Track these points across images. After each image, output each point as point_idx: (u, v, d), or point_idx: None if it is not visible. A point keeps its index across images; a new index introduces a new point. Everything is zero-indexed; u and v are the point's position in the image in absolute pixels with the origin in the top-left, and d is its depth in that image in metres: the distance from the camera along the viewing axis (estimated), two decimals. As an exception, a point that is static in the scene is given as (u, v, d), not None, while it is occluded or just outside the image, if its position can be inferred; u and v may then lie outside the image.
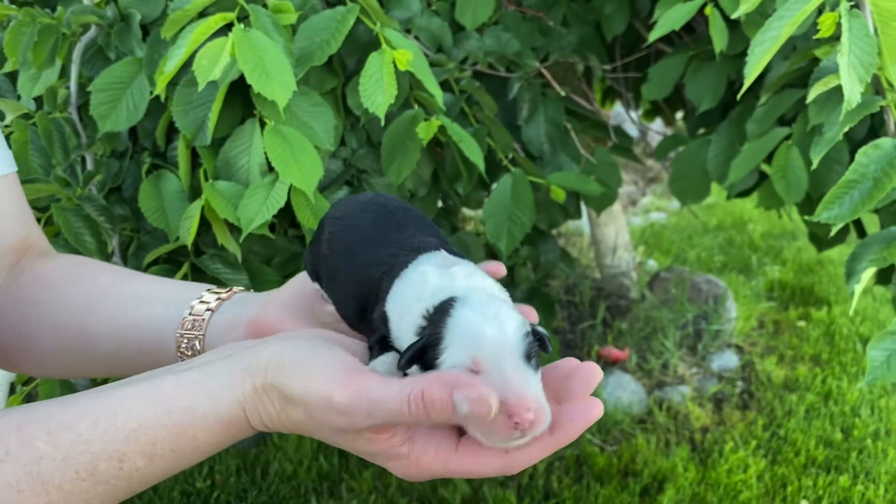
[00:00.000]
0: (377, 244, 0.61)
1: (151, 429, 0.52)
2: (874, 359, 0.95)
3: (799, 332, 3.18)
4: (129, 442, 0.52)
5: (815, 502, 2.31)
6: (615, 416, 2.60)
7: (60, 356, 0.72)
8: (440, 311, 0.53)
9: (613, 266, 3.04)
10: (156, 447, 0.52)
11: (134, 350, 0.69)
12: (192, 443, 0.53)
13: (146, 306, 0.70)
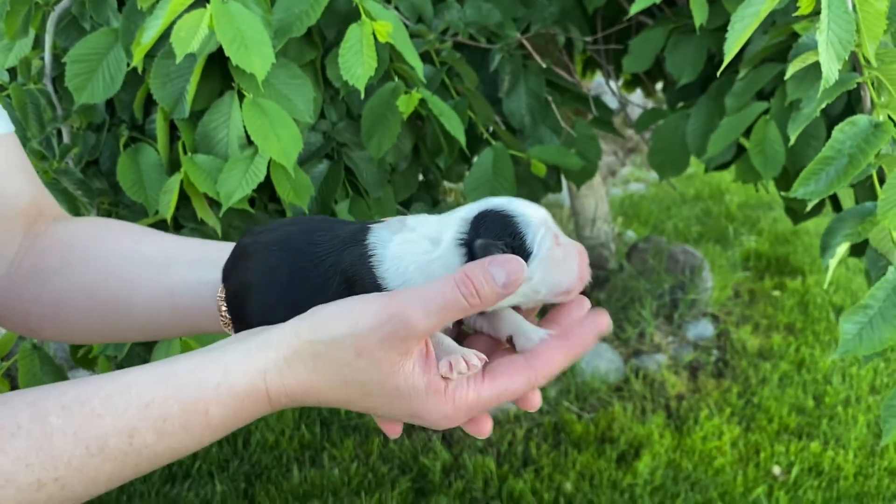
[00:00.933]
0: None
1: (163, 403, 0.51)
2: (847, 332, 0.97)
3: (774, 301, 3.23)
4: (140, 417, 0.51)
5: (786, 468, 2.37)
6: (592, 385, 2.64)
7: (90, 323, 0.70)
8: (489, 220, 0.55)
9: (592, 237, 3.06)
10: (166, 423, 0.51)
11: (169, 317, 0.68)
12: (203, 418, 0.52)
13: (176, 269, 0.68)
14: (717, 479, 2.30)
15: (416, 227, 0.57)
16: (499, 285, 0.51)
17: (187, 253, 0.70)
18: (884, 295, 0.96)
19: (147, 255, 0.69)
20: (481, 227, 0.55)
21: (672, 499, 2.24)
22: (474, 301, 0.51)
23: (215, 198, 1.09)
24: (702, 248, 3.61)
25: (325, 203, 1.25)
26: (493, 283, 0.51)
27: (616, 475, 2.31)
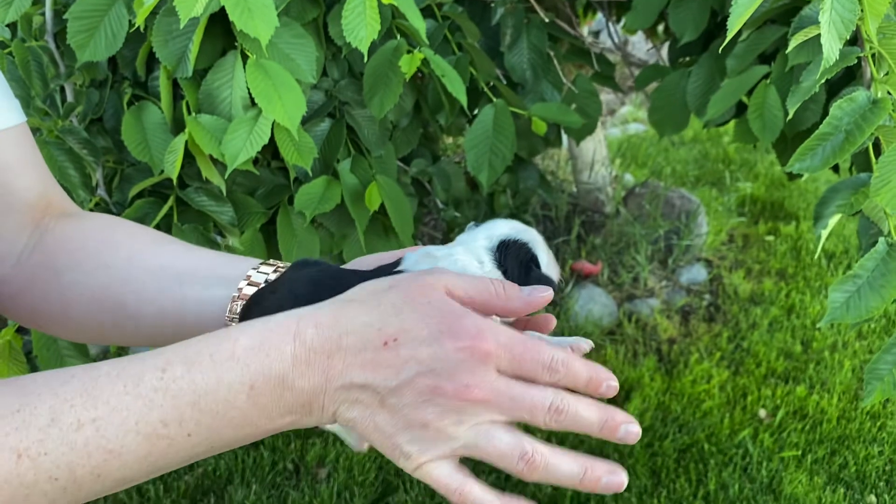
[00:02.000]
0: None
1: (198, 341, 0.53)
2: (834, 300, 1.00)
3: (767, 246, 3.27)
4: (174, 352, 0.52)
5: (772, 411, 2.45)
6: (585, 328, 2.70)
7: (97, 327, 0.70)
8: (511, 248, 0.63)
9: (590, 182, 3.07)
10: (198, 355, 0.51)
11: (175, 332, 0.67)
12: (230, 345, 0.51)
13: (188, 285, 0.68)
14: (705, 422, 2.38)
15: (444, 258, 0.61)
16: (525, 294, 0.56)
17: (198, 267, 0.70)
18: (872, 265, 0.99)
19: (156, 264, 0.70)
20: (507, 254, 0.63)
21: (660, 440, 2.32)
22: (500, 294, 0.55)
23: (220, 159, 1.10)
24: (698, 192, 3.63)
25: (327, 162, 1.27)
26: (520, 292, 0.56)
27: (607, 417, 2.38)
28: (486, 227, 0.65)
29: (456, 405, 0.51)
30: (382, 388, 0.51)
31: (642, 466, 2.22)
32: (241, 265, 0.69)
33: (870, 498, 2.19)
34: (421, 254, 0.63)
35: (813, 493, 2.17)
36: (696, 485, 2.19)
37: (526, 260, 0.63)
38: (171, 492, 2.08)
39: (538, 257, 0.63)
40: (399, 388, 0.51)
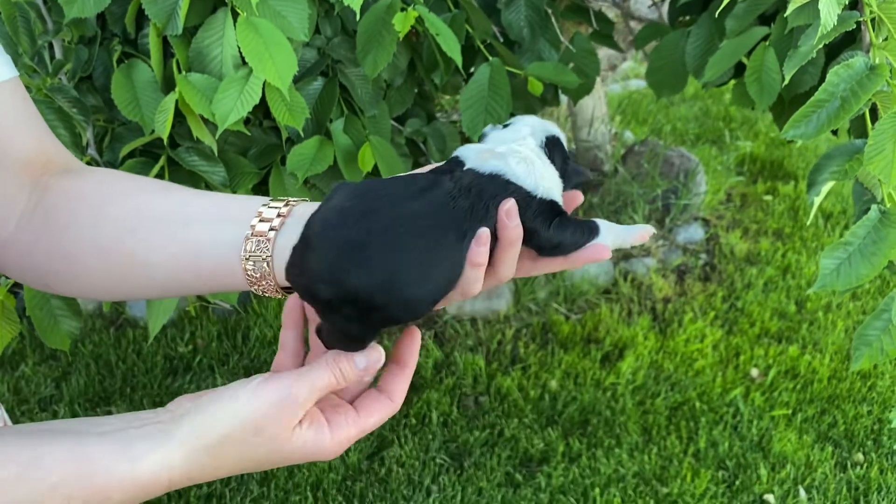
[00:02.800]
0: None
1: (71, 484, 0.56)
2: (825, 267, 1.00)
3: (765, 206, 3.27)
4: (48, 493, 0.56)
5: (764, 370, 2.47)
6: (581, 287, 2.71)
7: (107, 281, 0.69)
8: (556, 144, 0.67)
9: (589, 140, 3.05)
10: (70, 501, 0.56)
11: (191, 276, 0.67)
12: (105, 501, 0.57)
13: (196, 227, 0.67)
14: (697, 380, 2.40)
15: (509, 155, 0.62)
16: (360, 369, 0.61)
17: (207, 209, 0.68)
18: (864, 232, 0.99)
19: (162, 211, 0.68)
20: (553, 150, 0.66)
21: (652, 398, 2.34)
22: (341, 381, 0.61)
23: (211, 119, 1.09)
24: (698, 150, 3.61)
25: (319, 122, 1.26)
26: (355, 368, 0.61)
27: (600, 374, 2.40)
28: (522, 123, 0.66)
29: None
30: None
31: (634, 424, 2.25)
32: (251, 203, 0.67)
33: (857, 456, 2.22)
34: (482, 150, 0.62)
35: (801, 451, 2.21)
36: (687, 442, 2.22)
37: (564, 154, 0.66)
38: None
39: (566, 148, 0.68)
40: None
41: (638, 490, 2.09)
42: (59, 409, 2.21)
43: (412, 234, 0.55)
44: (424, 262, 0.55)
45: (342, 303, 0.55)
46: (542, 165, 0.63)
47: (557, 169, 0.64)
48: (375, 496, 2.05)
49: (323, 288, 0.55)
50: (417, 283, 0.55)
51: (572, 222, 0.63)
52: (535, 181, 0.61)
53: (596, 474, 2.12)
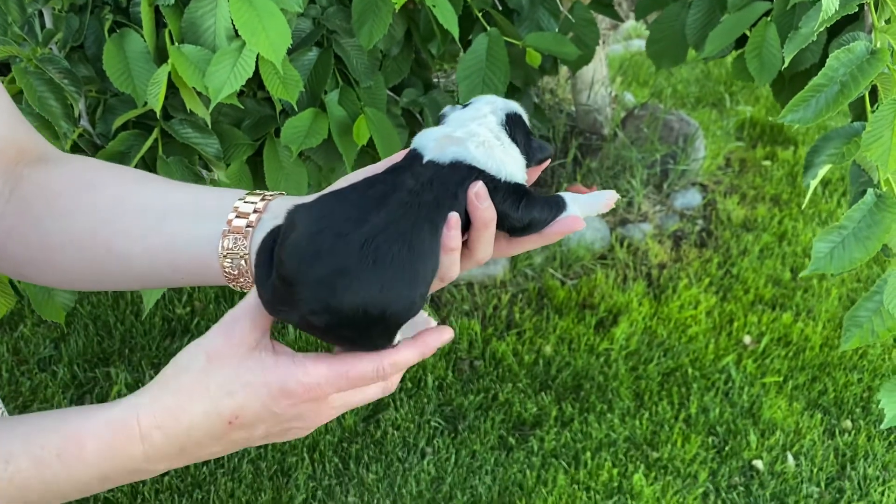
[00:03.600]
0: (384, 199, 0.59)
1: (45, 432, 0.55)
2: (819, 250, 1.00)
3: (763, 171, 3.25)
4: (21, 442, 0.55)
5: (757, 337, 2.49)
6: (577, 253, 2.71)
7: (84, 272, 0.69)
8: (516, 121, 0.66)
9: (589, 104, 3.02)
10: (43, 450, 0.55)
11: (169, 270, 0.67)
12: (77, 449, 0.55)
13: (173, 221, 0.66)
14: (690, 347, 2.42)
15: (468, 139, 0.61)
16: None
17: (184, 203, 0.68)
18: (859, 216, 0.99)
19: (140, 204, 0.68)
20: (515, 127, 0.65)
21: (645, 364, 2.37)
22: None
23: (204, 92, 1.08)
24: (698, 114, 3.58)
25: (314, 93, 1.24)
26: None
27: (594, 340, 2.42)
28: (483, 102, 0.65)
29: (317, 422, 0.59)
30: (244, 445, 0.58)
31: (626, 389, 2.28)
32: (227, 197, 0.67)
33: (845, 423, 2.26)
34: (440, 137, 0.61)
35: (791, 418, 2.24)
36: (678, 408, 2.25)
37: (526, 130, 0.65)
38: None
39: (528, 125, 0.67)
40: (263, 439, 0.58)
41: (629, 454, 2.12)
42: (58, 370, 2.23)
43: (388, 243, 0.55)
44: (407, 265, 0.55)
45: (339, 326, 0.55)
46: (504, 147, 0.62)
47: (520, 146, 0.64)
48: (371, 458, 2.09)
49: (316, 318, 0.55)
50: (406, 288, 0.55)
51: (539, 200, 0.63)
52: (498, 165, 0.61)
53: (587, 438, 2.15)
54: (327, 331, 0.56)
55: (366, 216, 0.56)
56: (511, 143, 0.63)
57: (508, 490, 2.02)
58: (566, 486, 2.03)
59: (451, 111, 0.66)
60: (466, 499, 1.99)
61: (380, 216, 0.56)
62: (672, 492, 2.03)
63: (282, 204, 0.66)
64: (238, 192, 0.69)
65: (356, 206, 0.57)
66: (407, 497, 1.99)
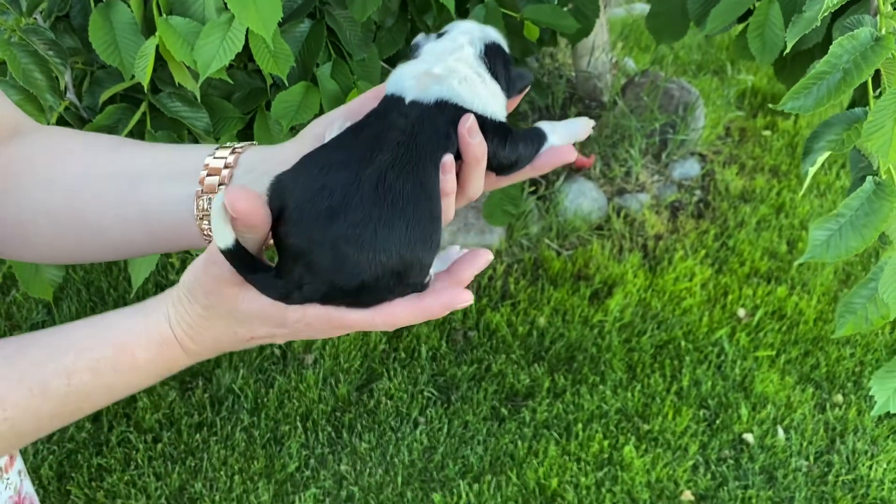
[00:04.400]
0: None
1: (96, 346, 0.56)
2: (815, 238, 0.99)
3: (763, 141, 3.22)
4: (76, 359, 0.56)
5: (751, 310, 2.49)
6: (574, 223, 2.70)
7: (61, 246, 0.68)
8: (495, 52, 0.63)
9: (589, 71, 2.98)
10: (99, 363, 0.56)
11: (146, 237, 0.66)
12: (131, 360, 0.57)
13: (146, 186, 0.65)
14: (684, 319, 2.43)
15: (449, 76, 0.58)
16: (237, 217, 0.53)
17: (156, 165, 0.66)
18: (857, 204, 0.97)
19: (112, 171, 0.66)
20: (494, 58, 0.61)
21: (638, 336, 2.37)
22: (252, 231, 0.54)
23: (192, 67, 1.05)
24: (699, 81, 3.53)
25: (306, 67, 1.21)
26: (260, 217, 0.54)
27: (588, 311, 2.42)
28: (459, 31, 0.62)
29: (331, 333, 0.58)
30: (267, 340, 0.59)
31: (619, 361, 2.29)
32: (198, 154, 0.65)
33: (836, 397, 2.27)
34: (419, 75, 0.58)
35: (783, 392, 2.25)
36: (670, 380, 2.26)
37: (506, 59, 0.62)
38: (160, 373, 2.14)
39: (508, 53, 0.64)
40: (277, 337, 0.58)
41: (620, 426, 2.14)
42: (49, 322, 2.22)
43: (400, 181, 0.53)
44: (424, 202, 0.53)
45: (376, 281, 0.52)
46: (485, 82, 0.60)
47: (501, 77, 0.61)
48: (364, 427, 2.10)
49: (348, 281, 0.52)
50: (430, 225, 0.53)
51: (521, 136, 0.61)
52: (483, 103, 0.59)
53: (579, 410, 2.16)
54: (360, 291, 0.52)
55: (369, 156, 0.53)
56: (492, 79, 0.60)
57: (500, 460, 2.03)
58: (557, 456, 2.05)
59: (424, 41, 0.63)
60: (458, 468, 2.01)
61: (383, 155, 0.54)
62: (662, 464, 2.05)
63: (253, 156, 0.64)
64: (209, 147, 0.67)
65: (351, 152, 0.54)
66: (399, 466, 2.01)
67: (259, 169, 0.64)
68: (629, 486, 2.00)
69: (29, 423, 0.56)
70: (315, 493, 1.94)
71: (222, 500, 1.91)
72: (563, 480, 1.99)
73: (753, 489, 2.02)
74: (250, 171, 0.64)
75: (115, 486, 1.93)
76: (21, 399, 0.55)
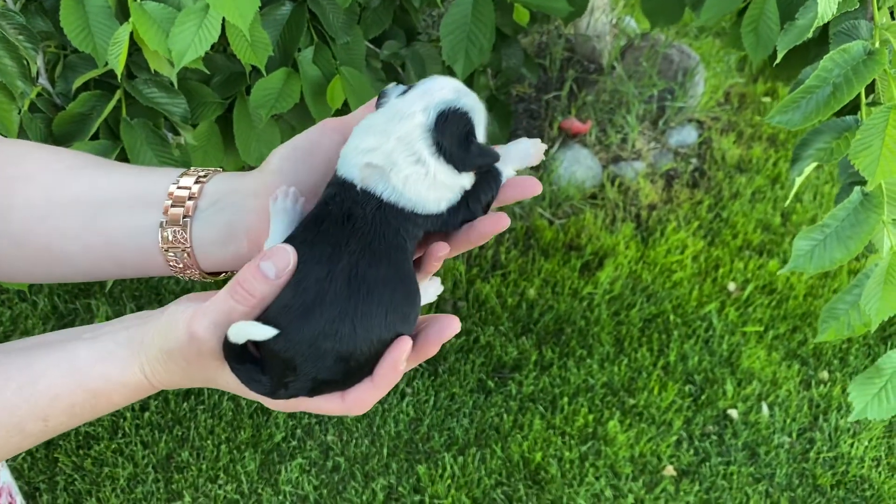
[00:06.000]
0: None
1: (71, 394, 0.57)
2: (799, 248, 0.97)
3: (762, 108, 3.17)
4: (51, 405, 0.57)
5: (742, 284, 2.49)
6: (567, 191, 2.67)
7: (26, 269, 0.67)
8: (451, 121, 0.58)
9: (587, 34, 2.91)
10: (75, 408, 0.58)
11: (113, 266, 0.65)
12: (107, 402, 0.59)
13: (110, 214, 0.64)
14: (674, 293, 2.42)
15: (389, 169, 0.56)
16: (272, 278, 0.53)
17: (119, 192, 0.64)
18: (843, 215, 0.96)
19: (72, 195, 0.64)
20: (445, 129, 0.57)
21: (627, 309, 2.37)
22: (251, 301, 0.54)
23: (167, 56, 1.02)
24: (700, 44, 3.46)
25: (286, 52, 1.18)
26: (265, 280, 0.53)
27: (578, 284, 2.42)
28: (419, 92, 0.58)
29: None
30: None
31: (607, 335, 2.29)
32: (162, 181, 0.64)
33: (822, 374, 2.28)
34: (363, 165, 0.56)
35: (769, 368, 2.26)
36: (658, 355, 2.27)
37: (465, 132, 0.57)
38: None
39: (476, 128, 0.59)
40: None
41: (605, 400, 2.15)
42: (38, 301, 2.22)
43: (372, 267, 0.54)
44: (398, 283, 0.54)
45: (358, 367, 0.54)
46: (428, 174, 0.56)
47: (452, 155, 0.56)
48: (350, 397, 2.11)
49: (330, 372, 0.54)
50: (406, 304, 0.54)
51: (477, 189, 0.59)
52: (429, 202, 0.56)
53: (565, 383, 2.17)
54: (346, 379, 0.54)
55: (338, 249, 0.54)
56: (438, 162, 0.56)
57: (485, 433, 2.05)
58: (542, 430, 2.06)
59: (392, 92, 0.60)
60: (444, 440, 2.03)
61: (351, 244, 0.54)
62: (646, 439, 2.07)
63: (217, 186, 0.63)
64: (173, 173, 0.66)
65: (320, 247, 0.54)
66: (385, 437, 2.03)
67: (223, 201, 0.63)
68: (612, 461, 2.02)
69: (6, 452, 0.58)
70: (301, 463, 1.96)
71: (209, 469, 1.93)
72: (547, 454, 2.02)
73: (735, 465, 2.05)
74: (214, 202, 0.63)
75: (103, 453, 1.95)
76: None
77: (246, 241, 0.61)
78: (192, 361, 0.56)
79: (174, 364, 0.56)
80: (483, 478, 1.96)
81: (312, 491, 1.92)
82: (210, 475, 1.93)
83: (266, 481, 1.93)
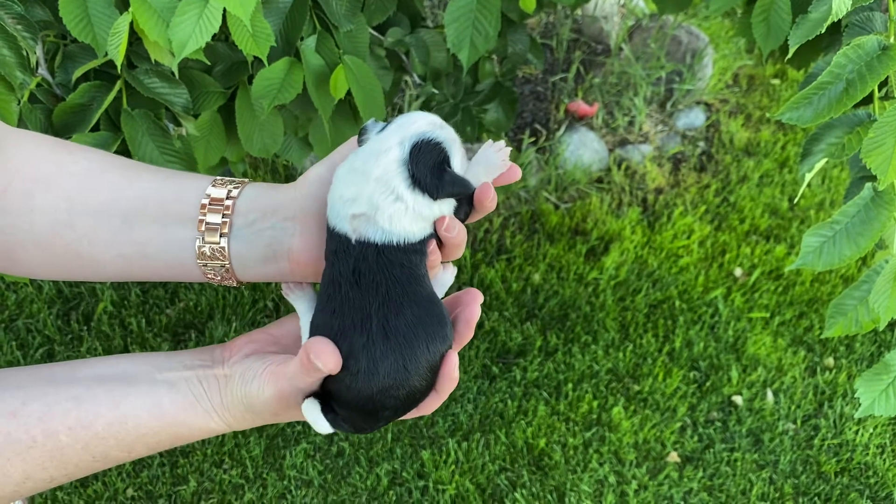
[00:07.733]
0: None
1: (156, 434, 0.63)
2: (808, 245, 0.96)
3: (771, 90, 3.14)
4: (137, 441, 0.63)
5: (748, 269, 2.47)
6: (574, 175, 2.65)
7: (53, 270, 0.67)
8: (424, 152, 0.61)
9: (594, 15, 2.88)
10: (159, 445, 0.64)
11: (145, 272, 0.66)
12: (186, 440, 0.65)
13: (142, 228, 0.64)
14: (680, 278, 2.41)
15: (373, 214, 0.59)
16: (326, 372, 0.59)
17: (147, 203, 0.64)
18: (854, 211, 0.94)
19: (97, 204, 0.64)
20: (419, 160, 0.60)
21: (633, 294, 2.36)
22: (311, 373, 0.60)
23: (167, 47, 1.01)
24: (709, 24, 3.42)
25: (289, 41, 1.16)
26: (321, 371, 0.59)
27: (583, 269, 2.41)
28: (395, 127, 0.61)
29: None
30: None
31: (612, 320, 2.28)
32: (188, 192, 0.65)
33: (827, 361, 2.28)
34: (350, 217, 0.59)
35: (774, 355, 2.25)
36: (663, 341, 2.26)
37: (439, 160, 0.60)
38: (153, 325, 2.15)
39: (451, 158, 0.61)
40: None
41: (610, 387, 2.15)
42: (43, 285, 2.22)
43: (396, 316, 0.59)
44: (425, 315, 0.59)
45: (419, 395, 0.62)
46: (407, 207, 0.59)
47: (426, 184, 0.59)
48: (355, 382, 2.11)
49: (400, 411, 0.62)
50: (439, 327, 0.60)
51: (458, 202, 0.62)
52: (413, 231, 0.60)
53: (570, 369, 2.17)
54: (417, 402, 0.62)
55: (364, 312, 0.59)
56: (414, 195, 0.59)
57: (489, 419, 2.06)
58: (546, 416, 2.07)
59: (372, 128, 0.63)
60: (448, 426, 2.03)
61: (371, 302, 0.59)
62: (650, 425, 2.07)
63: (253, 203, 0.65)
64: (198, 181, 0.66)
65: (349, 314, 0.60)
66: (389, 422, 2.03)
67: (260, 223, 0.64)
68: (616, 447, 2.03)
69: (85, 473, 0.64)
70: (306, 448, 1.96)
71: (214, 454, 1.94)
72: (550, 440, 2.02)
73: (739, 452, 2.05)
74: (251, 223, 0.64)
75: (109, 438, 1.96)
76: (83, 461, 0.62)
77: (288, 262, 0.64)
78: (278, 414, 0.63)
79: (259, 417, 0.64)
80: (487, 463, 1.97)
81: (317, 476, 1.93)
82: (215, 460, 1.94)
83: (271, 466, 1.94)
